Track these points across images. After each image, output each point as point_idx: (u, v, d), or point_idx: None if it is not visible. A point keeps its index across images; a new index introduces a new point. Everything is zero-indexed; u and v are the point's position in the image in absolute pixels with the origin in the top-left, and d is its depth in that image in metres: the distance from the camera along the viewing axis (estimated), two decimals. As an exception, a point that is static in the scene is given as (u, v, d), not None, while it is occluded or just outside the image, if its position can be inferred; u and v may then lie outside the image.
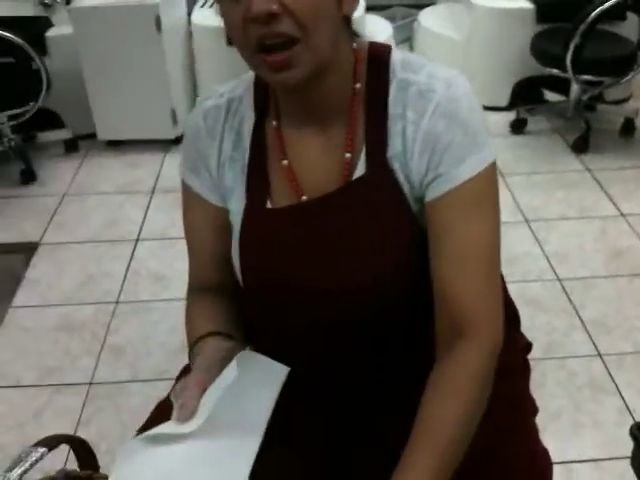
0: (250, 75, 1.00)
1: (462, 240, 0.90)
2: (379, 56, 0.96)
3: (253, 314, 1.09)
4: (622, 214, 2.88)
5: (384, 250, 0.93)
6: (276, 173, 0.98)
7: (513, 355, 1.16)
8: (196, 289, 1.12)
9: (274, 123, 0.98)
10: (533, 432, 1.12)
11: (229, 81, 1.05)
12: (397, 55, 0.96)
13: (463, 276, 0.90)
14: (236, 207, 1.01)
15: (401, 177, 0.93)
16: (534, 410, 1.15)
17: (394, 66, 0.94)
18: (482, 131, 0.91)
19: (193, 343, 1.02)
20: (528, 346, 1.23)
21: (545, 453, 1.11)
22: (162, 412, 1.16)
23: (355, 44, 0.96)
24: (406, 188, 0.93)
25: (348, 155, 0.95)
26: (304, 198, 0.97)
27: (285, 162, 0.97)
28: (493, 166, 0.92)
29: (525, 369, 1.20)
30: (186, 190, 1.07)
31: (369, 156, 0.93)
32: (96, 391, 2.11)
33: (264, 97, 0.99)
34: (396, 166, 0.93)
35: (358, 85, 0.95)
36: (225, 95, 1.02)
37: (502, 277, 1.17)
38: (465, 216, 0.91)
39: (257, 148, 0.99)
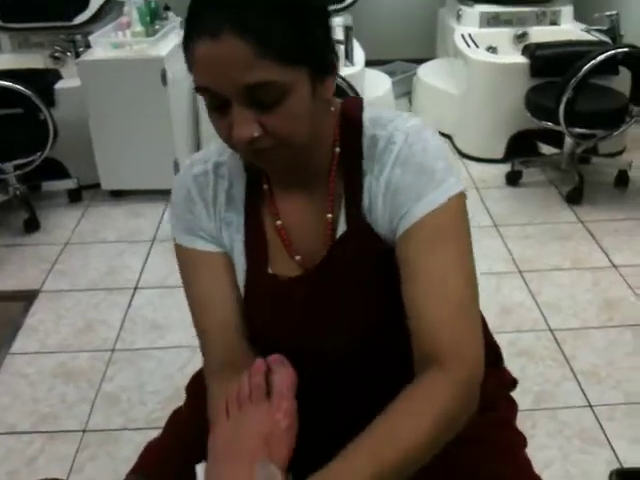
0: None
1: (428, 273, 0.91)
2: (352, 116, 1.00)
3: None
4: (614, 265, 2.91)
5: (372, 299, 0.98)
6: (270, 233, 1.03)
7: (496, 390, 1.18)
8: (216, 369, 1.05)
9: (265, 186, 1.03)
10: (527, 461, 1.13)
11: (209, 145, 1.08)
12: (368, 112, 1.00)
13: (431, 308, 0.91)
14: (237, 267, 1.05)
15: (377, 229, 0.97)
16: (524, 442, 1.16)
17: (365, 124, 0.98)
18: (440, 168, 0.93)
19: None
20: (513, 382, 1.24)
21: None
22: (152, 453, 1.19)
23: (332, 107, 1.00)
24: (384, 238, 0.97)
25: (330, 216, 0.99)
26: (297, 258, 1.01)
27: (279, 222, 1.02)
28: (458, 198, 0.94)
29: (511, 403, 1.21)
30: (187, 255, 1.06)
31: (348, 213, 0.98)
32: (90, 438, 2.12)
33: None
34: (369, 218, 0.97)
35: (337, 149, 0.99)
36: (211, 160, 1.05)
37: (483, 319, 1.20)
38: (429, 249, 0.91)
39: (252, 210, 1.03)
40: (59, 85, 3.53)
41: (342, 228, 0.99)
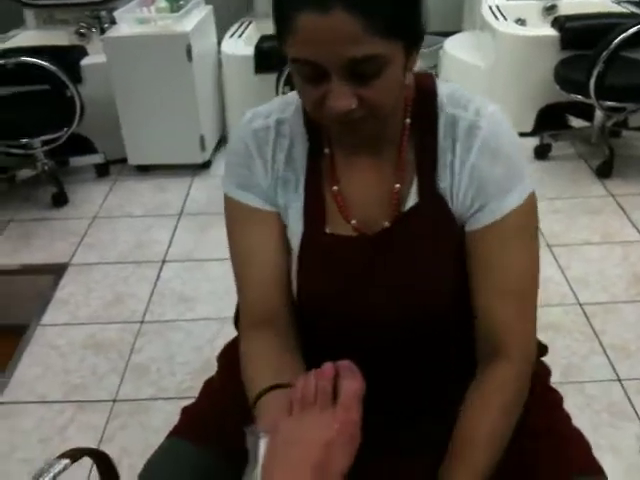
0: (297, 98, 0.99)
1: (504, 271, 0.95)
2: (426, 89, 1.00)
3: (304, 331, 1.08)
4: (645, 240, 2.87)
5: (438, 278, 0.98)
6: (329, 196, 1.02)
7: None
8: (253, 325, 1.05)
9: (326, 150, 1.02)
10: (566, 416, 1.14)
11: (272, 101, 1.07)
12: (443, 88, 1.00)
13: (503, 304, 0.96)
14: (293, 227, 1.03)
15: (450, 206, 0.97)
16: (561, 399, 1.17)
17: (442, 100, 0.98)
18: (524, 163, 0.96)
19: (261, 392, 0.94)
20: (545, 348, 1.23)
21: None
22: (191, 417, 1.19)
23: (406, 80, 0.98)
24: (457, 217, 0.98)
25: (397, 185, 0.99)
26: (353, 222, 1.00)
27: (335, 188, 1.01)
28: (534, 195, 0.96)
29: (543, 366, 1.22)
30: (237, 208, 1.05)
31: (421, 186, 0.98)
32: (120, 408, 2.15)
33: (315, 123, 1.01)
34: (446, 196, 0.97)
35: (408, 120, 0.99)
36: (273, 116, 1.03)
37: None
38: (508, 247, 0.95)
39: (313, 173, 1.02)
40: (85, 61, 3.53)
41: (412, 199, 0.98)
